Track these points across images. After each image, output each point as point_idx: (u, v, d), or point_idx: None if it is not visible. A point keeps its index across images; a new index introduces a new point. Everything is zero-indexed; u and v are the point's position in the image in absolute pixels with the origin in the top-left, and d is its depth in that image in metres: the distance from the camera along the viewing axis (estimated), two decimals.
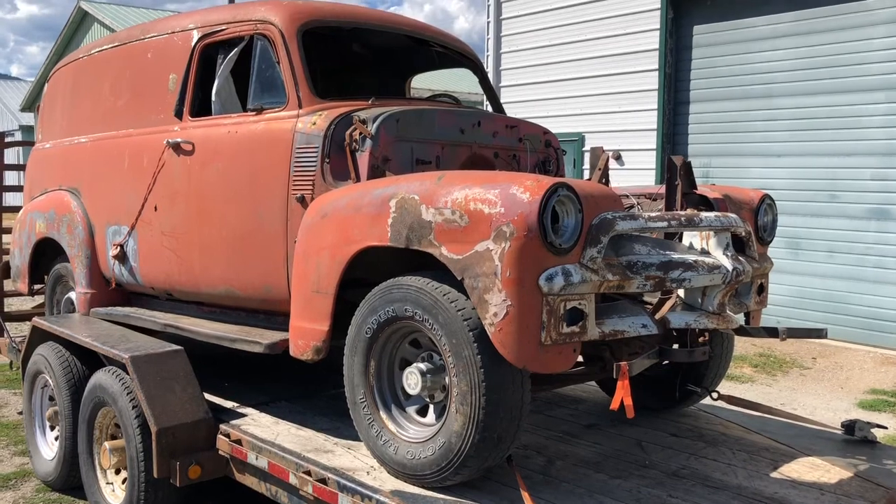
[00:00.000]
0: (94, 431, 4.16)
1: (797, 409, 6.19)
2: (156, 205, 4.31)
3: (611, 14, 10.09)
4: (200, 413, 3.73)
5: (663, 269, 2.96)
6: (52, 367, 4.50)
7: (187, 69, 4.23)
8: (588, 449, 3.53)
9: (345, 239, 3.21)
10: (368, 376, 3.14)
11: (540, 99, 10.80)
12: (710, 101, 9.45)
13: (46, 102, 5.74)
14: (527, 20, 11.09)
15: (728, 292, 3.19)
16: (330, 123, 3.55)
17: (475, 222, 2.77)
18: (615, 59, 10.07)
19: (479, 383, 2.75)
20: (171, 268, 4.29)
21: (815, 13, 8.54)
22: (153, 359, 3.85)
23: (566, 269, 2.72)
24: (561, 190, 2.72)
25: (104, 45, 5.08)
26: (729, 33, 9.25)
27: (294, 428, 3.67)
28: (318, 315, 3.32)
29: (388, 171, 3.47)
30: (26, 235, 5.51)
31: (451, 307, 2.81)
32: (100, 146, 4.85)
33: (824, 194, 8.55)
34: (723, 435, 3.78)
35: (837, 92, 8.40)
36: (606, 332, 2.86)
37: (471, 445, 2.80)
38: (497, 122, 4.07)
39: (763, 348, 8.33)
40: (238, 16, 4.07)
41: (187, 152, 4.12)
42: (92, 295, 4.87)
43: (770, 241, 3.75)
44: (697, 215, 3.17)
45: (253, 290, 3.86)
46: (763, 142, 8.99)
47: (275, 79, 3.84)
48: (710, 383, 3.98)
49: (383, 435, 3.08)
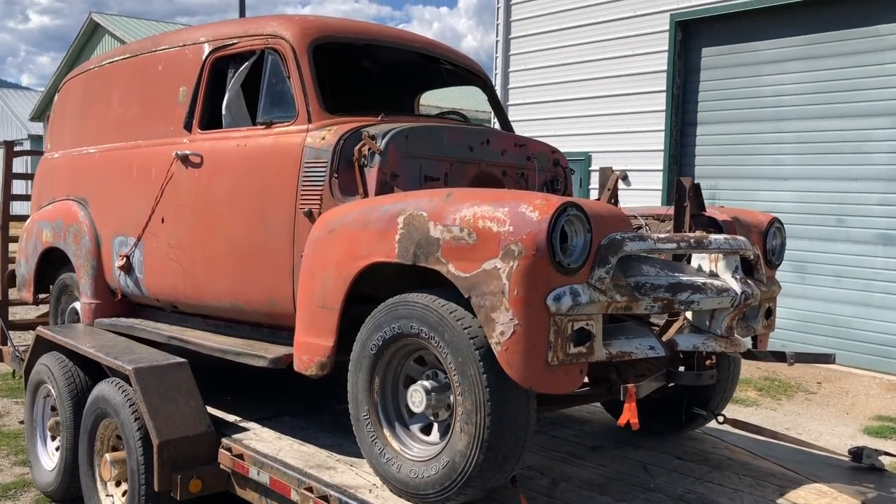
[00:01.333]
0: (95, 443, 4.14)
1: (802, 434, 6.13)
2: (163, 216, 4.32)
3: (620, 35, 10.13)
4: (203, 427, 3.71)
5: (672, 290, 2.94)
6: (54, 377, 4.49)
7: (198, 82, 4.25)
8: (593, 471, 3.49)
9: (352, 254, 3.20)
10: (373, 393, 3.12)
11: (547, 118, 10.83)
12: (718, 124, 9.45)
13: (56, 112, 5.76)
14: (536, 39, 11.13)
15: (736, 315, 3.17)
16: (339, 139, 3.55)
17: (483, 240, 2.76)
18: (623, 79, 10.09)
19: (484, 402, 2.73)
20: (176, 280, 4.28)
21: (823, 38, 8.56)
22: (156, 371, 3.84)
23: (574, 289, 2.70)
24: (570, 209, 2.71)
25: (115, 56, 5.10)
26: (737, 56, 9.27)
27: (297, 444, 3.64)
28: (323, 330, 3.31)
29: (396, 187, 3.46)
30: (33, 244, 5.51)
31: (458, 325, 2.79)
32: (109, 157, 4.86)
33: (831, 218, 8.53)
34: (729, 459, 3.74)
35: (845, 116, 8.40)
36: (613, 353, 2.85)
37: (475, 465, 2.77)
38: (506, 140, 4.07)
39: (768, 372, 8.28)
40: (249, 30, 4.09)
41: (196, 165, 4.13)
42: (97, 305, 4.86)
43: (779, 264, 3.73)
44: (707, 237, 3.15)
45: (258, 304, 3.85)
46: (770, 165, 8.98)
47: (285, 93, 3.85)
48: (717, 407, 3.95)
49: (386, 453, 3.05)
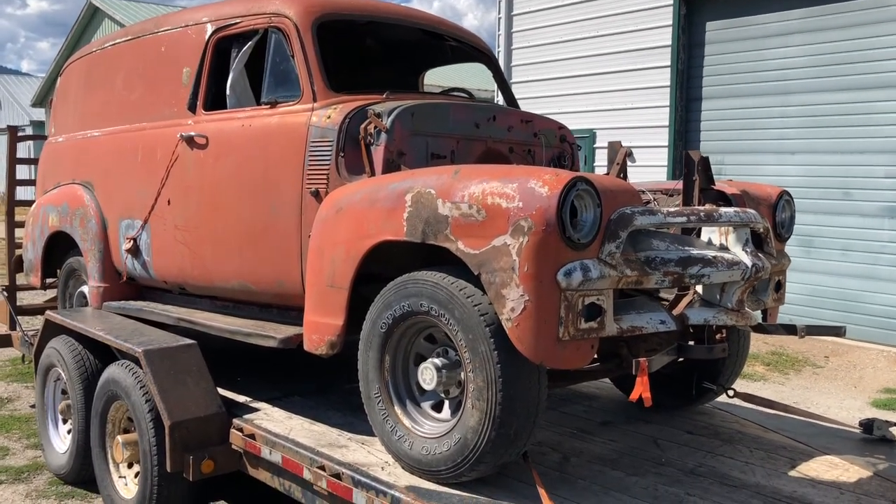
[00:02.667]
0: (106, 425, 4.16)
1: (811, 407, 6.14)
2: (169, 198, 4.30)
3: (623, 10, 10.04)
4: (214, 407, 3.72)
5: (682, 264, 2.93)
6: (64, 360, 4.50)
7: (201, 63, 4.22)
8: (603, 446, 3.50)
9: (360, 233, 3.19)
10: (383, 371, 3.12)
11: (551, 95, 10.76)
12: (723, 98, 9.39)
13: (59, 96, 5.73)
14: (538, 16, 11.04)
15: (747, 289, 3.16)
16: (345, 117, 3.53)
17: (492, 217, 2.75)
18: (627, 55, 10.01)
19: (495, 379, 2.72)
20: (184, 262, 4.28)
21: (827, 9, 8.47)
22: (166, 353, 3.85)
23: (584, 265, 2.69)
24: (580, 184, 2.69)
25: (117, 38, 5.07)
26: (742, 30, 9.19)
27: (308, 423, 3.65)
28: (332, 310, 3.31)
29: (403, 165, 3.45)
30: (39, 229, 5.50)
31: (468, 302, 2.79)
32: (113, 140, 4.85)
33: (838, 192, 8.48)
34: (739, 433, 3.74)
35: (851, 89, 8.33)
36: (624, 328, 2.84)
37: (487, 441, 2.77)
38: (512, 116, 4.04)
39: (776, 346, 8.28)
40: (252, 9, 4.05)
41: (201, 146, 4.11)
42: (105, 289, 4.86)
43: (788, 237, 3.71)
44: (717, 211, 3.14)
45: (266, 285, 3.85)
46: (776, 139, 8.93)
47: (289, 72, 3.82)
48: (726, 381, 3.95)
49: (398, 430, 3.06)
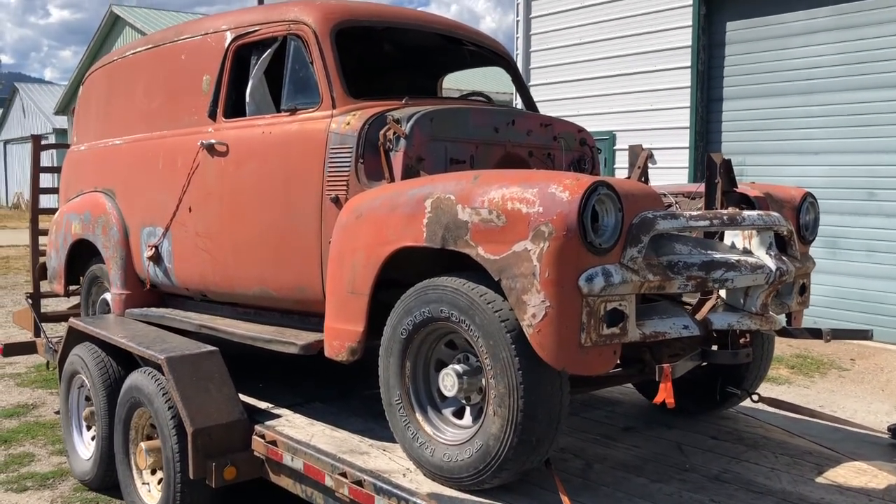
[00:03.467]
0: (130, 432, 4.18)
1: (837, 411, 6.05)
2: (190, 206, 4.33)
3: (642, 11, 9.98)
4: (236, 414, 3.73)
5: (705, 268, 2.90)
6: (88, 367, 4.53)
7: (221, 70, 4.24)
8: (627, 452, 3.47)
9: (380, 239, 3.18)
10: (404, 378, 3.11)
11: (570, 97, 10.72)
12: (744, 99, 9.31)
13: (81, 104, 5.79)
14: (556, 18, 11.01)
15: (771, 292, 3.12)
16: (364, 123, 3.53)
17: (513, 222, 2.73)
18: (647, 56, 9.96)
19: (517, 385, 2.71)
20: (205, 269, 4.29)
21: (852, 7, 8.37)
22: (188, 360, 3.86)
23: (606, 270, 2.66)
24: (601, 188, 2.67)
25: (138, 47, 5.11)
26: (762, 29, 9.11)
27: (329, 429, 3.65)
28: (353, 316, 3.30)
29: (422, 170, 3.44)
30: (62, 237, 5.56)
31: (488, 308, 2.77)
32: (134, 148, 4.88)
33: (862, 192, 8.38)
34: (764, 438, 3.70)
35: (875, 88, 8.22)
36: (647, 333, 2.81)
37: (509, 448, 2.75)
38: (531, 120, 4.02)
39: (800, 349, 8.18)
40: (271, 16, 4.07)
41: (221, 153, 4.13)
42: (127, 296, 4.90)
43: (812, 240, 3.67)
44: (740, 214, 3.10)
45: (287, 291, 3.85)
46: (799, 139, 8.83)
47: (308, 79, 3.83)
48: (751, 385, 3.90)
49: (419, 437, 3.05)
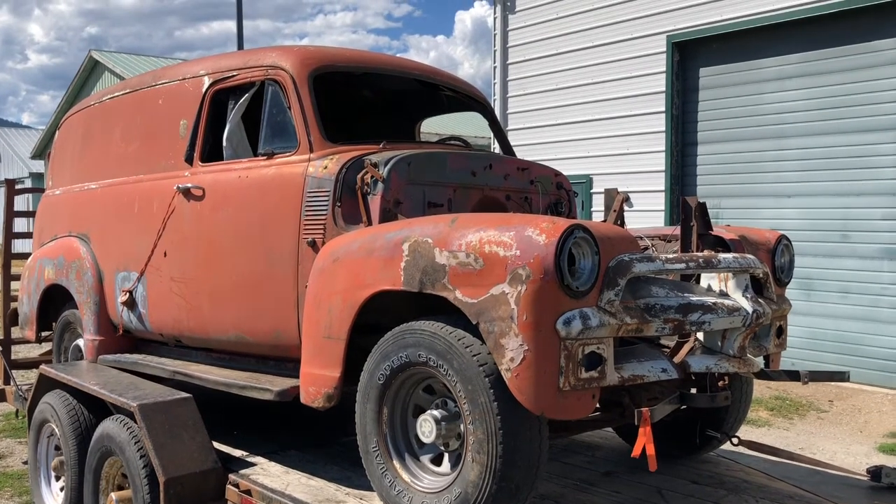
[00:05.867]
0: (100, 482, 4.08)
1: (816, 453, 6.05)
2: (165, 250, 4.29)
3: (617, 58, 10.16)
4: (209, 462, 3.65)
5: (682, 311, 2.90)
6: (58, 415, 4.43)
7: (198, 115, 4.24)
8: (607, 497, 3.43)
9: (357, 283, 3.16)
10: (381, 424, 3.07)
11: (547, 142, 10.84)
12: (719, 143, 9.45)
13: (57, 148, 5.76)
14: (533, 64, 11.17)
15: (748, 335, 3.13)
16: (341, 167, 3.54)
17: (490, 265, 2.73)
18: (622, 101, 10.11)
19: (495, 431, 2.68)
20: (180, 314, 4.24)
21: (821, 55, 8.58)
22: (161, 407, 3.79)
23: (584, 313, 2.66)
24: (577, 231, 2.68)
25: (115, 91, 5.11)
26: (735, 75, 9.29)
27: (305, 477, 3.58)
28: (329, 361, 3.26)
29: (399, 214, 3.44)
30: (35, 282, 5.48)
31: (466, 352, 2.75)
32: (110, 192, 4.85)
33: (836, 234, 8.49)
34: (744, 482, 3.67)
35: (846, 132, 8.39)
36: (626, 376, 2.80)
37: (488, 496, 2.71)
38: (508, 164, 4.05)
39: (779, 391, 8.19)
40: (249, 62, 4.09)
41: (198, 197, 4.11)
42: (100, 342, 4.82)
43: (788, 282, 3.69)
44: (716, 256, 3.12)
45: (263, 336, 3.81)
46: (773, 182, 8.96)
47: (286, 123, 3.84)
48: (730, 428, 3.88)
49: (397, 485, 3.00)
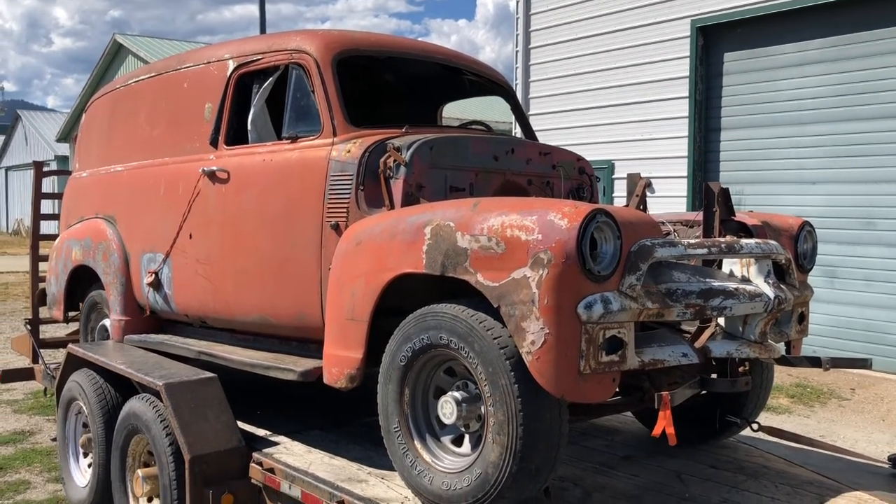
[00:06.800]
0: (127, 459, 4.16)
1: (837, 441, 6.03)
2: (191, 232, 4.34)
3: (640, 42, 10.10)
4: (234, 441, 3.72)
5: (704, 296, 2.91)
6: (86, 393, 4.52)
7: (223, 98, 4.28)
8: (626, 481, 3.45)
9: (379, 266, 3.20)
10: (403, 405, 3.10)
11: (569, 127, 10.80)
12: (742, 129, 9.38)
13: (84, 131, 5.83)
14: (555, 49, 11.13)
15: (770, 321, 3.13)
16: (364, 151, 3.56)
17: (512, 249, 2.74)
18: (645, 86, 10.05)
19: (516, 413, 2.70)
20: (205, 295, 4.30)
21: (845, 39, 8.48)
22: (187, 386, 3.85)
23: (605, 297, 2.67)
24: (599, 216, 2.69)
25: (141, 75, 5.16)
26: (760, 60, 9.21)
27: (327, 457, 3.64)
28: (352, 343, 3.30)
29: (422, 198, 3.46)
30: (62, 263, 5.57)
31: (488, 335, 2.78)
32: (136, 175, 4.91)
33: (860, 221, 8.42)
34: (764, 468, 3.68)
35: (872, 118, 8.30)
36: (646, 361, 2.82)
37: (508, 476, 2.74)
38: (530, 149, 4.05)
39: (800, 378, 8.16)
40: (273, 45, 4.11)
41: (222, 180, 4.16)
42: (126, 322, 4.89)
43: (810, 268, 3.68)
44: (738, 242, 3.12)
45: (287, 318, 3.86)
46: (796, 169, 8.89)
47: (309, 107, 3.86)
48: (750, 414, 3.89)
49: (418, 465, 3.04)
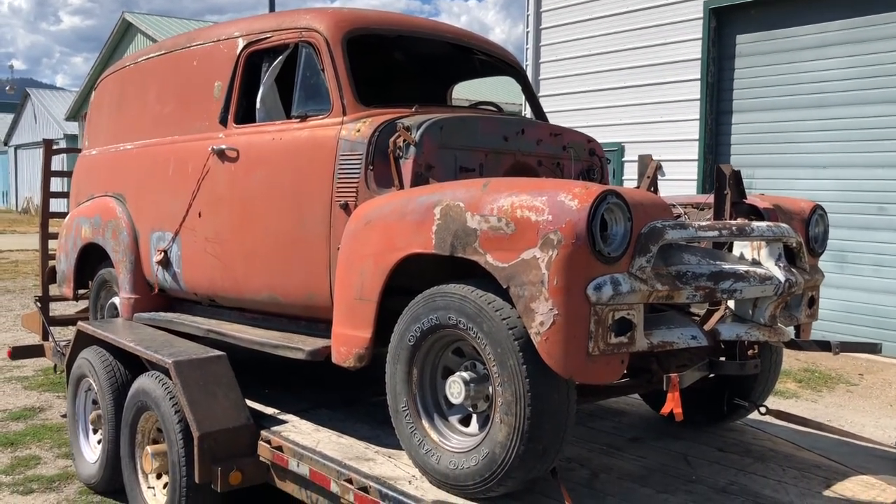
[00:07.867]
0: (136, 435, 4.19)
1: (845, 426, 6.01)
2: (200, 211, 4.35)
3: (652, 23, 10.00)
4: (242, 419, 3.74)
5: (714, 279, 2.89)
6: (95, 371, 4.55)
7: (232, 77, 4.26)
8: (633, 462, 3.46)
9: (388, 246, 3.19)
10: (411, 385, 3.11)
11: (580, 108, 10.73)
12: (754, 112, 9.30)
13: (93, 109, 5.83)
14: (566, 29, 11.04)
15: (780, 304, 3.11)
16: (374, 130, 3.55)
17: (522, 230, 2.73)
18: (656, 68, 9.97)
19: (524, 393, 2.70)
20: (214, 274, 4.31)
21: (864, 21, 8.37)
22: (196, 364, 3.87)
23: (615, 279, 2.66)
24: (610, 197, 2.68)
25: (150, 53, 5.15)
26: (772, 42, 9.11)
27: (335, 435, 3.65)
28: (360, 322, 3.31)
29: (431, 178, 3.45)
30: (72, 241, 5.59)
31: (496, 316, 2.77)
32: (145, 153, 4.91)
33: (872, 206, 8.35)
34: (771, 451, 3.68)
35: (886, 102, 8.21)
36: (655, 343, 2.81)
37: (515, 456, 2.75)
38: (541, 129, 4.03)
39: (808, 363, 8.14)
40: (283, 23, 4.09)
41: (232, 159, 4.15)
42: (135, 300, 4.91)
43: (821, 252, 3.66)
44: (749, 225, 3.10)
45: (295, 297, 3.86)
46: (808, 153, 8.82)
47: (319, 86, 3.85)
48: (758, 397, 3.89)
49: (426, 444, 3.05)
